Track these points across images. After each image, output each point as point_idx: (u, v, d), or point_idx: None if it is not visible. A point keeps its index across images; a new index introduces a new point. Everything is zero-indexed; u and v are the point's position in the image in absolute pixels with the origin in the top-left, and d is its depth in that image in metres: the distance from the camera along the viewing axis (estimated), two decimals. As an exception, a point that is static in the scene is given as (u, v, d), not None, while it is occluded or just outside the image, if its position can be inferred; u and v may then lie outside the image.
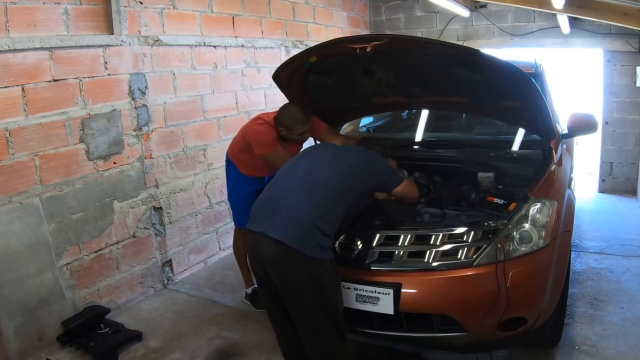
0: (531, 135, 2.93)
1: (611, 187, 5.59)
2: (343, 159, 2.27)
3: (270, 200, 2.14)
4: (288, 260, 1.98)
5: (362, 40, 2.39)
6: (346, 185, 2.16)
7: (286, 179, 2.23)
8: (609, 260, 3.76)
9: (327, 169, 2.19)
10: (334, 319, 2.08)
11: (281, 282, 2.03)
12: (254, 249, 2.09)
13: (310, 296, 2.01)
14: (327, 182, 2.13)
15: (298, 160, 2.36)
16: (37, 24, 2.78)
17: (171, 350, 2.86)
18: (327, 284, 2.04)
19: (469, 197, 2.58)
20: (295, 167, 2.28)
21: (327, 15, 5.59)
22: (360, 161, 2.30)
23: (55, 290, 2.93)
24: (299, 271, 1.98)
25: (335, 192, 2.11)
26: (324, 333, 2.07)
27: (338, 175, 2.17)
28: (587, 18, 4.58)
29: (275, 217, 2.04)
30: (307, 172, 2.20)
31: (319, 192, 2.08)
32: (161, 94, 3.60)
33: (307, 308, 2.03)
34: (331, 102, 3.16)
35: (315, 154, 2.37)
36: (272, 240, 1.99)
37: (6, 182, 2.68)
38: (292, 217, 2.02)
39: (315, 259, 1.99)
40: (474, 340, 2.20)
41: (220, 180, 4.14)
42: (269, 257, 2.01)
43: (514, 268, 2.12)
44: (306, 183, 2.13)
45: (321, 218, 2.03)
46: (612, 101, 5.39)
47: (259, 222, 2.08)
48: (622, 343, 2.68)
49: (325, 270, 2.03)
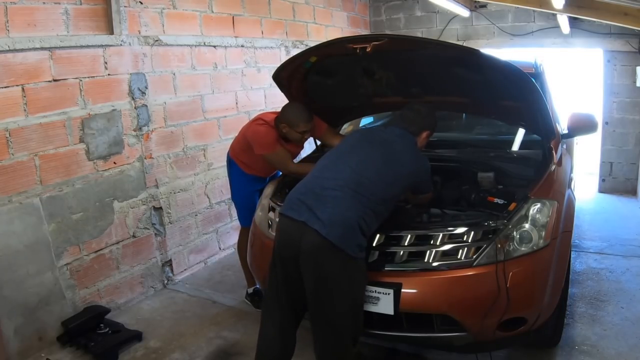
0: (531, 135, 2.93)
1: (611, 187, 5.59)
2: (392, 166, 2.24)
3: (314, 193, 2.13)
4: (328, 255, 2.00)
5: (362, 40, 2.39)
6: (391, 193, 2.21)
7: (332, 173, 2.20)
8: (609, 260, 3.76)
9: (375, 174, 2.18)
10: (356, 319, 2.11)
11: (314, 275, 2.04)
12: (290, 235, 2.09)
13: (341, 293, 2.03)
14: (373, 187, 2.13)
15: (345, 155, 2.30)
16: (37, 24, 2.78)
17: (171, 350, 2.87)
18: (360, 283, 2.10)
19: (469, 197, 2.58)
20: (343, 162, 2.24)
21: (327, 15, 5.59)
22: (408, 171, 2.29)
23: (55, 290, 2.93)
24: (336, 268, 2.01)
25: (379, 198, 2.14)
26: (342, 332, 2.09)
27: (385, 183, 2.18)
28: (587, 18, 4.58)
29: (319, 211, 2.04)
30: (355, 172, 2.17)
31: (365, 195, 2.10)
32: (161, 94, 3.60)
33: (334, 305, 2.05)
34: (331, 102, 3.16)
35: (363, 153, 2.28)
36: (315, 233, 2.00)
37: (6, 182, 2.68)
38: (338, 214, 2.03)
39: (353, 257, 2.02)
40: (474, 340, 2.20)
41: (220, 180, 4.14)
42: (309, 247, 2.01)
43: (514, 268, 2.12)
44: (354, 184, 2.12)
45: (364, 219, 2.06)
46: (612, 101, 5.39)
47: (301, 211, 2.07)
48: (622, 343, 2.68)
49: (359, 270, 2.08)
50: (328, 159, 2.33)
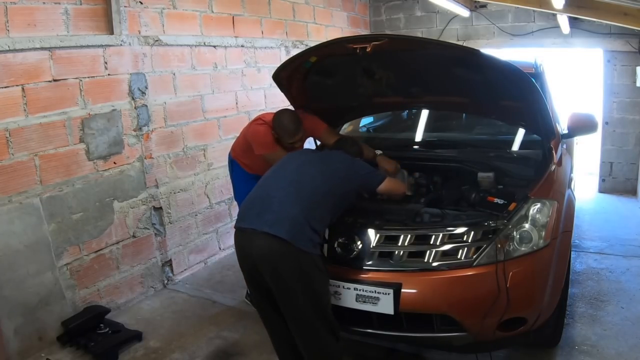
0: (531, 135, 2.93)
1: (611, 187, 5.59)
2: (328, 161, 2.38)
3: (259, 199, 2.20)
4: (280, 254, 2.01)
5: (362, 40, 2.40)
6: (333, 186, 2.25)
7: (275, 179, 2.30)
8: (609, 260, 3.76)
9: (314, 171, 2.28)
10: (323, 314, 2.12)
11: (272, 276, 2.05)
12: (243, 248, 2.13)
13: (300, 290, 2.04)
14: (315, 182, 2.20)
15: (285, 163, 2.42)
16: (37, 24, 2.78)
17: (171, 350, 2.86)
18: (317, 278, 2.10)
19: (469, 197, 2.58)
20: (284, 169, 2.36)
21: (327, 15, 5.59)
22: (344, 164, 2.39)
23: (55, 290, 2.93)
24: (290, 265, 2.02)
25: (322, 192, 2.19)
26: (314, 329, 2.10)
27: (324, 176, 2.26)
28: (587, 18, 4.58)
29: (265, 214, 2.08)
30: (296, 173, 2.28)
31: (308, 191, 2.16)
32: (161, 94, 3.60)
33: (297, 303, 2.07)
34: (331, 102, 3.16)
35: (302, 158, 2.45)
36: (263, 235, 2.02)
37: (6, 182, 2.68)
38: (283, 211, 2.07)
39: (306, 252, 2.04)
40: (473, 340, 2.20)
41: (220, 180, 4.14)
42: (260, 252, 2.04)
43: (514, 268, 2.12)
44: (295, 182, 2.20)
45: (311, 215, 2.09)
46: (612, 101, 5.39)
47: (249, 219, 2.12)
48: (622, 343, 2.68)
49: (315, 266, 2.08)
50: (269, 171, 2.42)
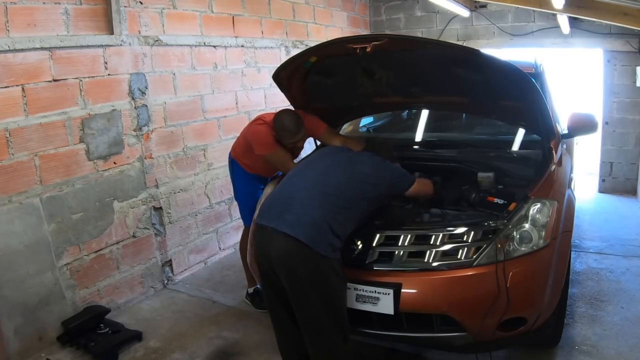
0: (531, 135, 2.93)
1: (611, 187, 5.59)
2: (357, 166, 2.30)
3: (283, 198, 2.18)
4: (298, 257, 2.00)
5: (362, 40, 2.39)
6: (360, 192, 2.21)
7: (300, 178, 2.26)
8: (609, 260, 3.76)
9: (342, 175, 2.23)
10: (337, 318, 2.10)
11: (288, 278, 2.04)
12: (262, 245, 2.12)
13: (316, 294, 2.03)
14: (341, 187, 2.16)
15: (312, 162, 2.39)
16: (37, 24, 2.78)
17: (171, 350, 2.86)
18: (334, 283, 2.07)
19: (469, 197, 2.58)
20: (310, 168, 2.32)
21: (327, 15, 5.59)
22: (373, 169, 2.32)
23: (55, 290, 2.93)
24: (308, 268, 2.00)
25: (348, 197, 2.15)
26: (326, 332, 2.09)
27: (352, 181, 2.21)
28: (587, 18, 4.58)
29: (287, 214, 2.06)
30: (322, 174, 2.23)
31: (333, 195, 2.12)
32: (161, 94, 3.60)
33: (312, 305, 2.05)
34: (331, 102, 3.16)
35: (329, 160, 2.38)
36: (283, 236, 2.01)
37: (6, 182, 2.68)
38: (306, 214, 2.05)
39: (325, 257, 2.02)
40: (474, 340, 2.20)
41: (220, 180, 4.14)
42: (278, 252, 2.03)
43: (514, 268, 2.12)
44: (321, 185, 2.16)
45: (334, 219, 2.06)
46: (612, 101, 5.39)
47: (271, 218, 2.10)
48: (622, 343, 2.68)
49: (333, 270, 2.06)
50: (296, 169, 2.38)
